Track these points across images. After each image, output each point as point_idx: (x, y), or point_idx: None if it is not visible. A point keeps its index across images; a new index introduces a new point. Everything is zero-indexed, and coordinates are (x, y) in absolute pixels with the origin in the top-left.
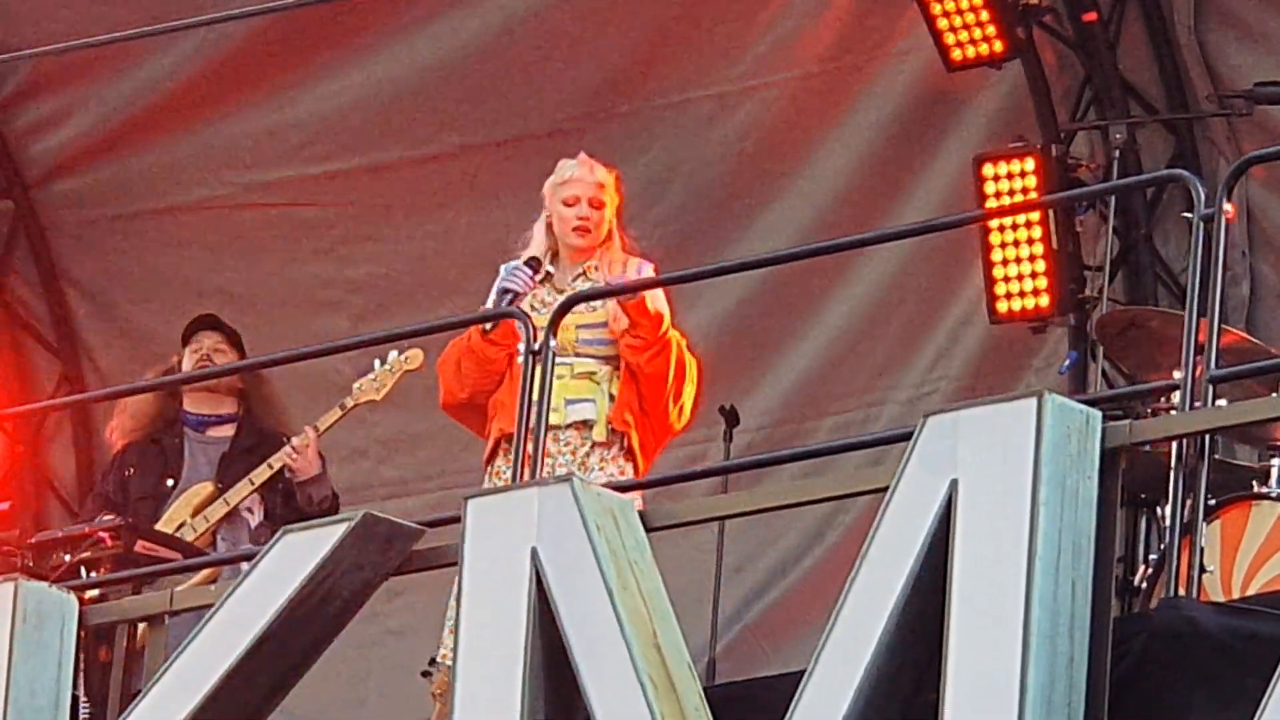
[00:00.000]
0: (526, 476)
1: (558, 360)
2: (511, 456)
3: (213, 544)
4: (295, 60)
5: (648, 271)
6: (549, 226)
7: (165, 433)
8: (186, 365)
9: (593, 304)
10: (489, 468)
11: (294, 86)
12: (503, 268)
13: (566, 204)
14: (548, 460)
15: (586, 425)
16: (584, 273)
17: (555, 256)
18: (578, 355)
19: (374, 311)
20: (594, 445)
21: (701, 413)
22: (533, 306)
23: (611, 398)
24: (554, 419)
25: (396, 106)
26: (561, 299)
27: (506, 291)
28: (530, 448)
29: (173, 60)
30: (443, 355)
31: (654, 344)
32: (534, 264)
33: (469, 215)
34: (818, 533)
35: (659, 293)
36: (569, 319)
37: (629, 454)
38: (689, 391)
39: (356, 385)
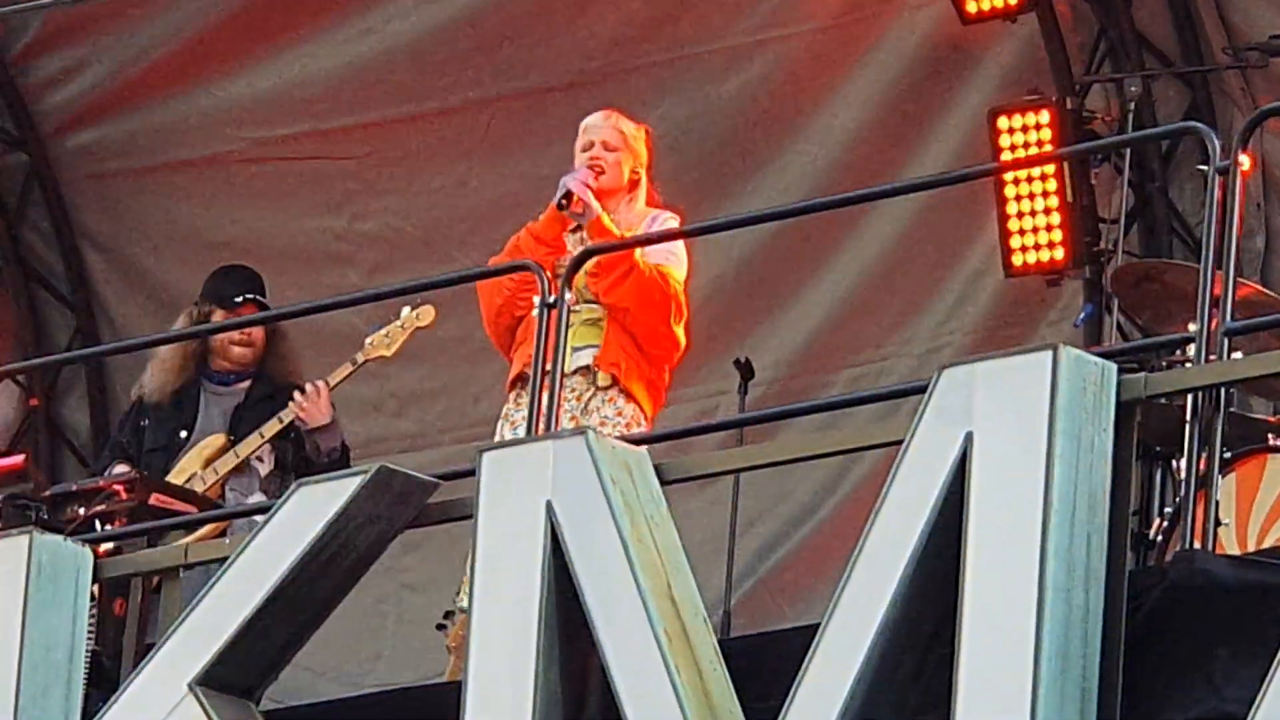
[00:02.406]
0: (541, 429)
1: (570, 308)
2: (521, 401)
3: (221, 495)
4: (309, 13)
5: (666, 220)
6: None
7: (189, 384)
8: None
9: None
10: (510, 394)
11: (309, 39)
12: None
13: (583, 150)
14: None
15: (590, 370)
16: None
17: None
18: (586, 302)
19: (386, 265)
20: (596, 389)
21: (716, 365)
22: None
23: None
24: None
25: (410, 60)
26: (578, 251)
27: (568, 191)
28: (545, 400)
29: (187, 13)
30: None
31: (609, 273)
32: (595, 167)
33: (482, 169)
34: (832, 486)
35: (669, 245)
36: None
37: (626, 394)
38: (675, 318)
39: (368, 340)
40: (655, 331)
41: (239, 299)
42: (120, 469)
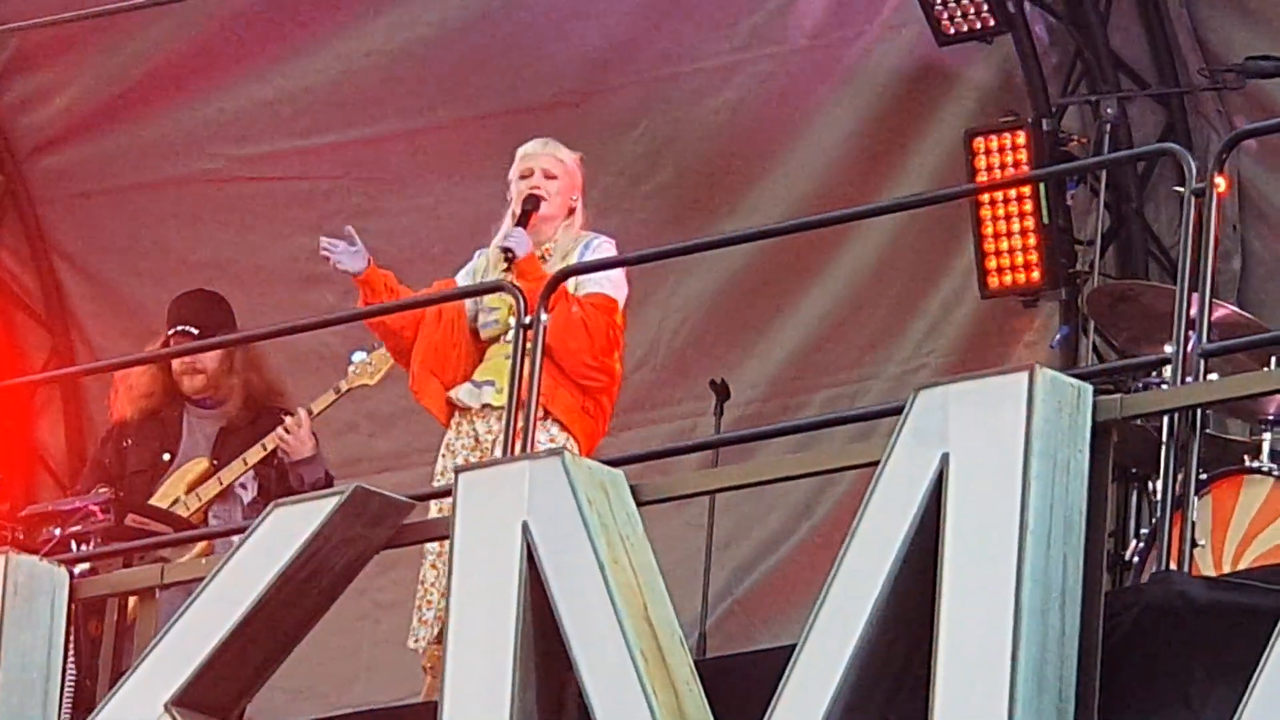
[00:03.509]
0: (518, 451)
1: (503, 340)
2: (461, 429)
3: (205, 522)
4: (286, 31)
5: (601, 244)
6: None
7: (166, 406)
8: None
9: None
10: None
11: (286, 58)
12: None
13: (522, 176)
14: (489, 437)
15: None
16: (542, 255)
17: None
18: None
19: None
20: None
21: (693, 387)
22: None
23: None
24: (498, 400)
25: (388, 80)
26: (552, 275)
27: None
28: (520, 423)
29: (163, 33)
30: None
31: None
32: (531, 203)
33: (460, 189)
34: (808, 507)
35: (607, 271)
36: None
37: (559, 424)
38: (603, 351)
39: (352, 369)
40: (580, 365)
41: (170, 331)
42: (101, 490)
